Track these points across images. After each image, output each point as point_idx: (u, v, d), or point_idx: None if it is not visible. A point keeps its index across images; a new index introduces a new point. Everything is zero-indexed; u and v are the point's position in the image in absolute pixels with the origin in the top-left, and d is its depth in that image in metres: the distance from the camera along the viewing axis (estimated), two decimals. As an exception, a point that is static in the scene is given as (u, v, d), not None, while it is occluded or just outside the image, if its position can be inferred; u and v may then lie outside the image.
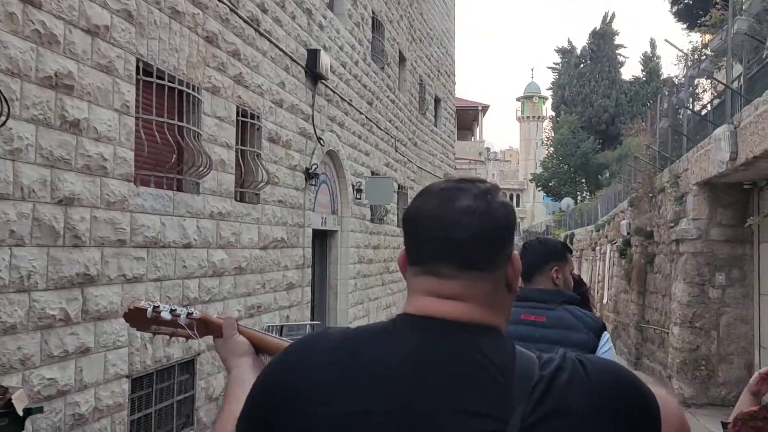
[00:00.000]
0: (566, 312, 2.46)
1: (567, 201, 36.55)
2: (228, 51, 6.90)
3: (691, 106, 11.63)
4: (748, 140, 6.56)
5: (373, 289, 13.05)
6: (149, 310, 1.29)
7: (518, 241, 47.21)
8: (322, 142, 9.70)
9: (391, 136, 14.61)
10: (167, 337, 1.34)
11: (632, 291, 13.70)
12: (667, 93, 13.94)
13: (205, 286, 6.49)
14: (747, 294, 8.76)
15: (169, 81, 5.86)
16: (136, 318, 1.31)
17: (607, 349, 2.41)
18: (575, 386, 0.92)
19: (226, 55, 6.87)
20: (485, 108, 37.29)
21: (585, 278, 25.13)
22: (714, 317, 8.82)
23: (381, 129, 13.61)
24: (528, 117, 69.23)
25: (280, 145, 8.36)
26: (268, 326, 7.29)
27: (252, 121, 7.55)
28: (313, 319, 10.53)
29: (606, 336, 2.46)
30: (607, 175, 37.78)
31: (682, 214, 9.58)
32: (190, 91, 6.17)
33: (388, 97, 14.26)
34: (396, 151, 15.06)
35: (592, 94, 45.19)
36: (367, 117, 12.45)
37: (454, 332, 0.95)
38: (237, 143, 7.22)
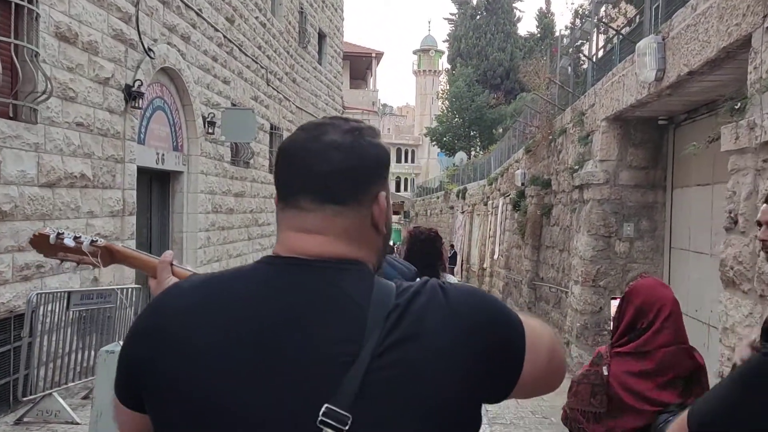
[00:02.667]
0: (385, 263, 2.22)
1: (460, 155, 35.71)
2: None
3: (596, 38, 10.33)
4: (683, 50, 5.13)
5: (236, 245, 11.09)
6: (52, 236, 1.27)
7: (412, 197, 46.06)
8: (152, 54, 7.51)
9: (261, 66, 12.48)
10: (75, 264, 1.31)
11: (526, 246, 12.56)
12: (568, 28, 12.64)
13: None
14: (657, 248, 7.60)
15: None
16: (42, 244, 1.28)
17: None
18: (432, 311, 0.92)
19: None
20: (379, 55, 35.41)
21: (476, 234, 24.30)
22: (620, 275, 7.61)
23: (247, 55, 11.46)
24: (424, 71, 67.91)
25: (79, 47, 6.14)
26: (37, 294, 5.22)
27: (21, 2, 5.30)
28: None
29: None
30: (500, 131, 37.32)
31: (587, 155, 8.27)
32: None
33: (257, 18, 12.06)
34: (268, 85, 12.97)
35: (488, 47, 44.41)
36: (225, 36, 10.26)
37: (313, 269, 0.95)
38: (-8, 31, 4.98)
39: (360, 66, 35.71)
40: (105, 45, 6.59)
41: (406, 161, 64.32)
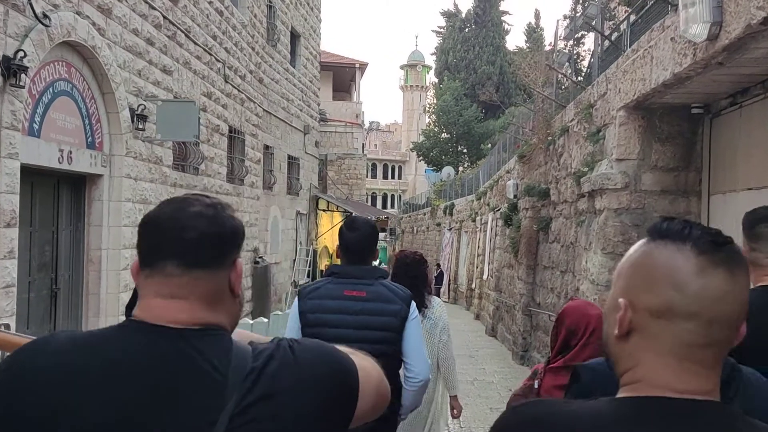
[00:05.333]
0: (382, 286, 2.75)
1: (447, 170, 34.21)
2: None
3: (602, 24, 8.83)
4: (757, -12, 3.57)
5: (180, 264, 9.39)
6: None
7: (398, 213, 44.60)
8: (47, 21, 5.87)
9: (218, 59, 10.88)
10: None
11: (520, 265, 10.96)
12: (567, 17, 11.15)
13: None
14: (690, 270, 6.00)
15: None
16: None
17: (414, 317, 2.75)
18: (284, 371, 1.02)
19: None
20: (363, 66, 33.89)
21: (464, 252, 22.70)
22: (643, 304, 6.00)
23: (197, 44, 9.86)
24: (411, 86, 66.71)
25: None
26: None
27: None
28: (54, 314, 6.78)
29: (413, 305, 2.78)
30: (489, 146, 35.95)
31: (599, 155, 6.70)
32: None
33: (210, 3, 10.49)
34: (226, 82, 11.36)
35: (477, 60, 43.18)
36: (166, 17, 8.66)
37: (175, 338, 1.01)
38: None
39: (344, 77, 34.25)
40: (-31, 0, 4.96)
41: (392, 177, 62.89)
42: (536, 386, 2.57)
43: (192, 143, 9.72)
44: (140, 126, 7.74)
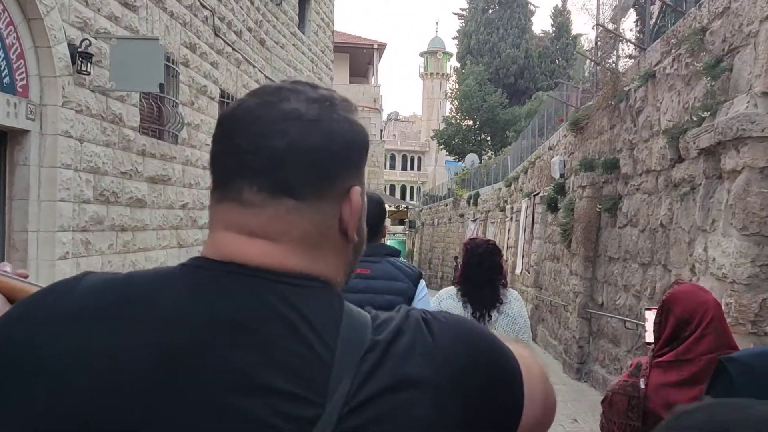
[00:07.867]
0: (389, 264, 2.56)
1: (471, 157, 32.06)
2: None
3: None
4: None
5: (153, 254, 7.50)
6: None
7: (418, 205, 42.71)
8: None
9: (205, 5, 8.95)
10: None
11: (573, 257, 8.91)
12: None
13: None
14: None
15: None
16: None
17: (423, 296, 2.55)
18: (418, 353, 0.66)
19: None
20: (382, 47, 31.97)
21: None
22: (807, 312, 3.96)
23: (175, -20, 7.93)
24: (431, 74, 64.32)
25: None
26: None
27: None
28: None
29: (422, 284, 2.58)
30: (513, 134, 33.79)
31: (721, 94, 4.64)
32: None
33: (194, -66, 8.55)
34: (216, 35, 9.43)
35: (501, 43, 40.94)
36: (128, -64, 6.73)
37: (256, 282, 0.65)
38: None
39: (361, 60, 32.37)
40: None
41: (411, 169, 60.74)
42: (642, 385, 2.17)
43: (170, 104, 7.84)
44: (84, 68, 5.80)
